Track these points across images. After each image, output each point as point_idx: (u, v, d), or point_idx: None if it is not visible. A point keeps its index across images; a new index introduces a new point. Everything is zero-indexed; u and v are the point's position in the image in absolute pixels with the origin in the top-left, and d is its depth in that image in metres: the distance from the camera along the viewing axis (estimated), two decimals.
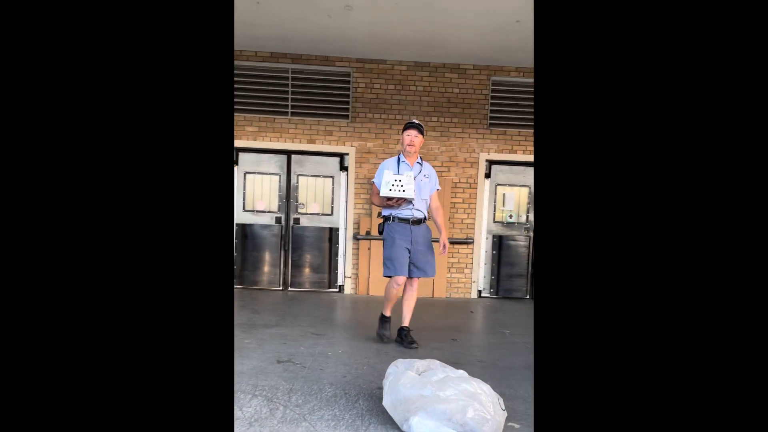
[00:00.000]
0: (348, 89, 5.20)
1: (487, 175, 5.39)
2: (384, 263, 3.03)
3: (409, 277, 3.00)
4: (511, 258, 5.43)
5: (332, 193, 5.25)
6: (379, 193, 3.03)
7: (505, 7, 4.05)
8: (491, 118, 5.35)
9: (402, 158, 3.10)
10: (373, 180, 3.14)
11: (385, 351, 2.78)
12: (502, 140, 5.37)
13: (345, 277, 5.23)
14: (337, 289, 5.28)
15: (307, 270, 5.25)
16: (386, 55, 5.14)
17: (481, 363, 2.58)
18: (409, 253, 2.98)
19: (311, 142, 5.17)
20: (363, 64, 5.19)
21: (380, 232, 3.09)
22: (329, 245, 5.25)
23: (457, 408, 1.47)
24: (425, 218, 3.06)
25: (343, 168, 5.23)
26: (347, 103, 5.20)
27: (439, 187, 3.19)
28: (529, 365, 2.57)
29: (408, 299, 3.07)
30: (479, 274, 5.41)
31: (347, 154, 5.21)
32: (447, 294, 5.34)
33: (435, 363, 1.79)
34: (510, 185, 5.45)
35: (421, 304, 4.66)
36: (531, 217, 5.48)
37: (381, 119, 5.23)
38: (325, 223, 5.26)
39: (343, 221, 5.24)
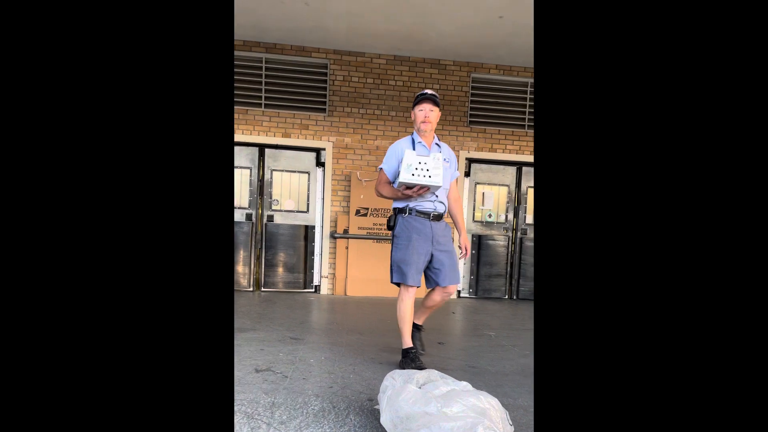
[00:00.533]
0: (325, 82, 5.00)
1: (467, 174, 5.31)
2: (392, 267, 2.44)
3: (439, 286, 2.48)
4: (490, 258, 5.38)
5: (308, 190, 5.04)
6: (388, 182, 2.43)
7: (488, 1, 3.97)
8: (471, 115, 5.27)
9: (417, 139, 2.46)
10: (381, 167, 2.50)
11: (371, 356, 2.63)
12: (482, 138, 5.30)
13: (321, 277, 5.04)
14: (313, 290, 5.07)
15: (281, 270, 5.03)
16: (365, 48, 4.97)
17: (473, 369, 2.47)
18: (431, 257, 2.42)
19: (286, 135, 4.94)
20: (341, 56, 5.00)
21: (390, 227, 2.47)
22: (305, 244, 5.04)
23: (465, 426, 1.33)
24: (445, 212, 2.50)
25: (320, 164, 5.03)
26: (324, 96, 5.00)
27: (458, 174, 2.60)
28: (522, 371, 2.48)
29: (436, 303, 2.58)
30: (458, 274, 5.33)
31: (324, 149, 5.01)
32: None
33: (434, 374, 1.65)
34: (489, 184, 5.40)
35: None
36: (510, 216, 5.45)
37: (359, 114, 5.07)
38: (300, 220, 5.04)
39: (320, 219, 5.04)
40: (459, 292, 5.34)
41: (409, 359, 2.37)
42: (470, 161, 5.30)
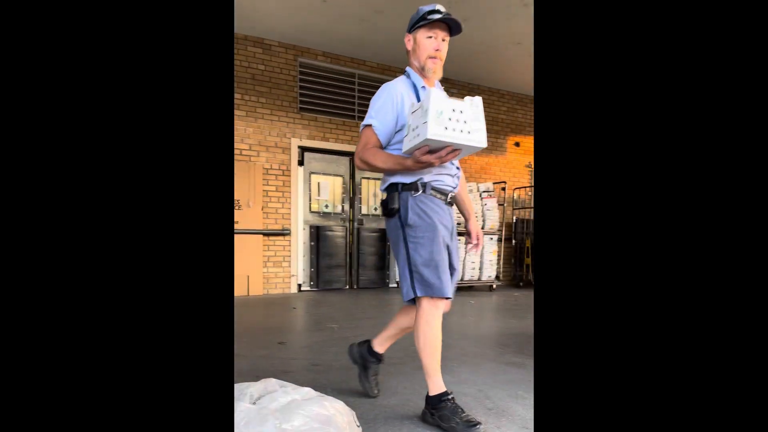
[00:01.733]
0: None
1: (300, 163, 5.09)
2: (412, 275, 1.50)
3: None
4: (329, 249, 5.27)
5: None
6: (380, 146, 1.53)
7: None
8: (301, 102, 5.06)
9: (418, 81, 1.56)
10: (366, 122, 1.53)
11: None
12: (313, 126, 5.13)
13: None
14: None
15: None
16: None
17: (316, 367, 2.27)
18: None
19: None
20: None
21: (391, 213, 1.52)
22: None
23: None
24: None
25: None
26: None
27: None
28: None
29: (406, 323, 1.70)
30: (298, 267, 5.09)
31: None
32: (265, 291, 4.87)
33: (272, 383, 1.40)
34: (324, 174, 5.28)
35: (237, 305, 4.09)
36: (347, 207, 5.42)
37: None
38: None
39: None
40: (300, 285, 5.11)
41: (449, 411, 1.48)
42: (303, 149, 5.09)
